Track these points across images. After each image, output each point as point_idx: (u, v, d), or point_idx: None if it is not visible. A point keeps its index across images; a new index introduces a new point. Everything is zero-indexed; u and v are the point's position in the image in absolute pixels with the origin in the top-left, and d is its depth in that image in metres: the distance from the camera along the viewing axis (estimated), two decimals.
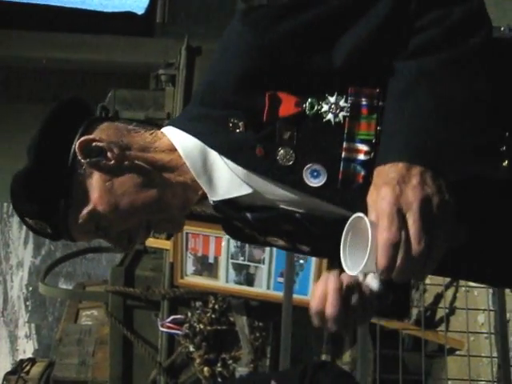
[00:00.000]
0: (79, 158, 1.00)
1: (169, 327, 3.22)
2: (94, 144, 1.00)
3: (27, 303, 11.05)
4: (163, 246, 3.26)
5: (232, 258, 3.05)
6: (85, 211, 1.01)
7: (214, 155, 1.00)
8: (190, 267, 3.12)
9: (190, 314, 3.18)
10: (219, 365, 3.18)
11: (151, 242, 3.30)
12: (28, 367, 4.32)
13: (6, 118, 5.56)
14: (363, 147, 0.92)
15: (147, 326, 3.34)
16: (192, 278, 3.13)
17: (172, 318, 3.22)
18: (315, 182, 0.95)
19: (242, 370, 3.19)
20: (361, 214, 0.84)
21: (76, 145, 0.99)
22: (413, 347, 3.31)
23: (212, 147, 0.99)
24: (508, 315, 2.82)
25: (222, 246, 3.05)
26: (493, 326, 2.83)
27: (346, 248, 0.87)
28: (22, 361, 4.56)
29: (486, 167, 0.90)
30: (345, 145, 0.93)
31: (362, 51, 0.91)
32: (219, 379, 3.19)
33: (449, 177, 0.84)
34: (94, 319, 4.51)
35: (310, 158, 0.94)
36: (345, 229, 0.87)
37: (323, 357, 3.28)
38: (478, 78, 0.89)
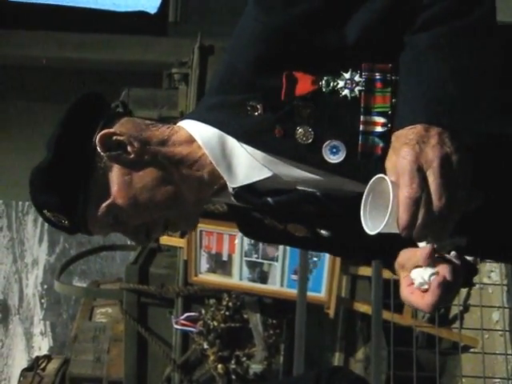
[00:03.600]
0: (99, 151, 1.00)
1: (183, 324, 3.24)
2: (114, 138, 1.01)
3: (42, 301, 11.14)
4: (177, 244, 3.28)
5: (246, 256, 3.06)
6: (104, 204, 1.02)
7: (232, 142, 1.01)
8: (203, 265, 3.14)
9: (203, 312, 3.20)
10: (233, 362, 3.20)
11: (165, 239, 3.33)
12: (44, 364, 4.37)
13: (20, 116, 5.62)
14: (380, 119, 0.94)
15: (161, 323, 3.37)
16: (206, 276, 3.14)
17: (186, 315, 3.24)
18: (335, 159, 0.95)
19: (255, 367, 3.21)
20: (382, 175, 0.86)
21: (97, 138, 1.00)
22: (427, 345, 3.30)
23: (230, 134, 1.00)
24: None
25: (236, 243, 3.06)
26: (507, 323, 2.83)
27: (366, 209, 0.88)
28: (37, 357, 4.61)
29: (503, 127, 0.91)
30: (362, 118, 0.94)
31: (373, 29, 0.93)
32: (233, 376, 3.21)
33: (466, 138, 0.85)
34: (108, 317, 4.54)
35: (328, 134, 0.95)
36: (366, 190, 0.88)
37: (337, 354, 3.29)
38: (488, 43, 0.91)
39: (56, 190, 1.01)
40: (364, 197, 0.88)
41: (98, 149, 1.00)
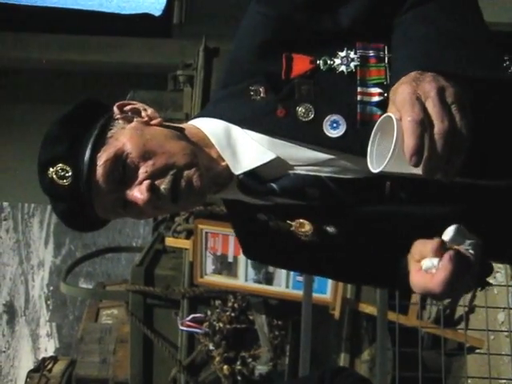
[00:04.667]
0: (116, 114, 1.05)
1: (188, 326, 3.24)
2: (130, 106, 1.08)
3: (48, 302, 11.17)
4: (183, 246, 3.29)
5: None
6: (112, 150, 1.00)
7: (236, 131, 1.05)
8: (209, 266, 3.14)
9: (209, 313, 3.20)
10: (239, 363, 3.20)
11: (171, 241, 3.34)
12: (50, 365, 4.38)
13: (24, 119, 5.64)
14: (376, 90, 0.98)
15: (167, 324, 3.37)
16: (211, 277, 3.15)
17: (192, 316, 3.25)
18: (335, 133, 0.99)
19: (261, 368, 3.21)
20: (388, 114, 0.86)
21: (115, 105, 1.06)
22: (432, 345, 3.30)
23: (233, 122, 1.04)
24: None
25: None
26: None
27: (373, 150, 0.88)
28: (44, 359, 4.63)
29: (493, 73, 0.92)
30: (359, 89, 0.98)
31: (368, 12, 0.99)
32: (238, 377, 3.21)
33: (460, 82, 0.87)
34: (114, 318, 4.55)
35: (328, 109, 0.99)
36: (373, 130, 0.89)
37: (342, 355, 3.29)
38: (474, 11, 0.96)
39: (67, 136, 1.01)
40: (371, 137, 0.89)
41: (115, 112, 1.05)
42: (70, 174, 0.99)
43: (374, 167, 0.87)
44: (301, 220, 1.09)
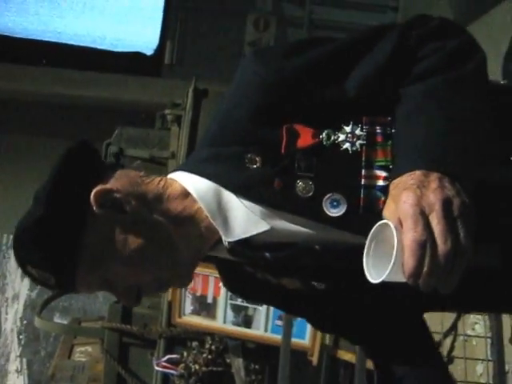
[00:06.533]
0: (94, 208, 0.96)
1: (164, 367, 3.19)
2: (109, 195, 0.96)
3: (20, 337, 10.89)
4: None
5: (231, 299, 3.04)
6: (96, 277, 0.98)
7: (228, 195, 0.98)
8: (188, 306, 3.11)
9: (185, 354, 3.15)
10: None
11: None
12: None
13: (7, 151, 5.62)
14: (381, 173, 0.94)
15: (142, 364, 3.31)
16: (190, 318, 3.11)
17: (168, 357, 3.19)
18: (335, 212, 0.94)
19: None
20: (385, 221, 0.83)
21: (92, 194, 0.95)
22: None
23: (226, 187, 0.98)
24: (507, 366, 2.80)
25: (221, 286, 3.05)
26: (491, 376, 2.81)
27: (368, 258, 0.85)
28: None
29: (499, 174, 0.92)
30: (363, 172, 0.94)
31: (372, 84, 0.95)
32: None
33: (466, 184, 0.85)
34: (87, 355, 4.45)
35: (329, 187, 0.95)
36: (368, 237, 0.85)
37: None
38: (480, 94, 0.93)
39: (45, 247, 0.95)
40: (366, 244, 0.85)
41: (93, 206, 0.96)
42: (52, 280, 0.98)
43: (373, 277, 0.83)
44: (290, 278, 1.06)
